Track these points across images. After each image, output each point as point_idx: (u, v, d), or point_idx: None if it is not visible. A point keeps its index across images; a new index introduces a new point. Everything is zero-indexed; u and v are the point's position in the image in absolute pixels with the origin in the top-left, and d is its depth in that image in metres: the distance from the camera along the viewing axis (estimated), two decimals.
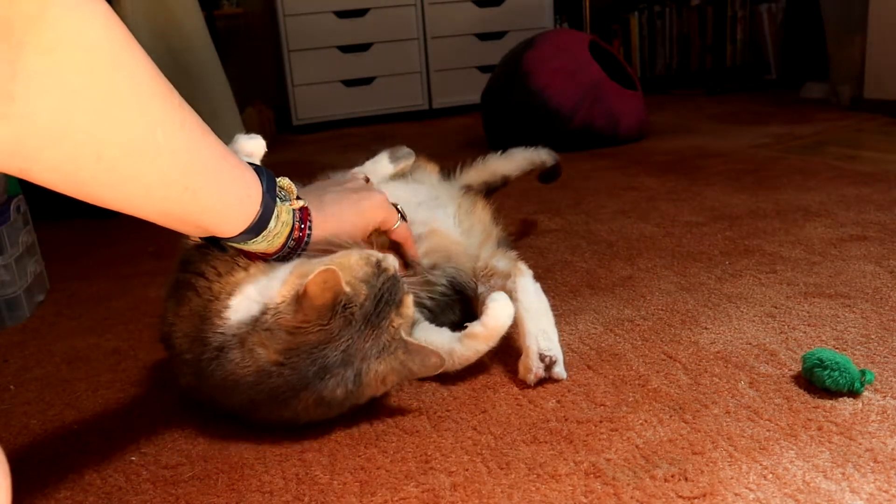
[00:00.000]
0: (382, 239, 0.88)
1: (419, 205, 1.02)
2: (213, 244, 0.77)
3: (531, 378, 0.86)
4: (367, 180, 0.94)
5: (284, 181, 0.79)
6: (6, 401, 0.99)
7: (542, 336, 0.88)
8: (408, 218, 0.92)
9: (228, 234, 0.72)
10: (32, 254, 1.42)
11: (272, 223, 0.74)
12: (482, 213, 1.10)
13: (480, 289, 1.01)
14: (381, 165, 0.95)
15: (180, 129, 0.62)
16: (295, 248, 0.78)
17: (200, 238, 0.77)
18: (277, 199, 0.75)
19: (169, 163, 0.62)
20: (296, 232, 0.77)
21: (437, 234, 0.99)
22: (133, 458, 0.80)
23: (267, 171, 0.76)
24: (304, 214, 0.78)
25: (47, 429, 0.90)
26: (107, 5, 0.56)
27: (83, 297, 1.41)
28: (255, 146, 0.89)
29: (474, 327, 0.84)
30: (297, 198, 0.79)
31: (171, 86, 0.63)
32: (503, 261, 1.01)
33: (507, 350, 0.98)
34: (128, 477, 0.77)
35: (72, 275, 1.55)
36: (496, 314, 0.84)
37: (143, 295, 1.38)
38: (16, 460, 0.81)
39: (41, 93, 0.52)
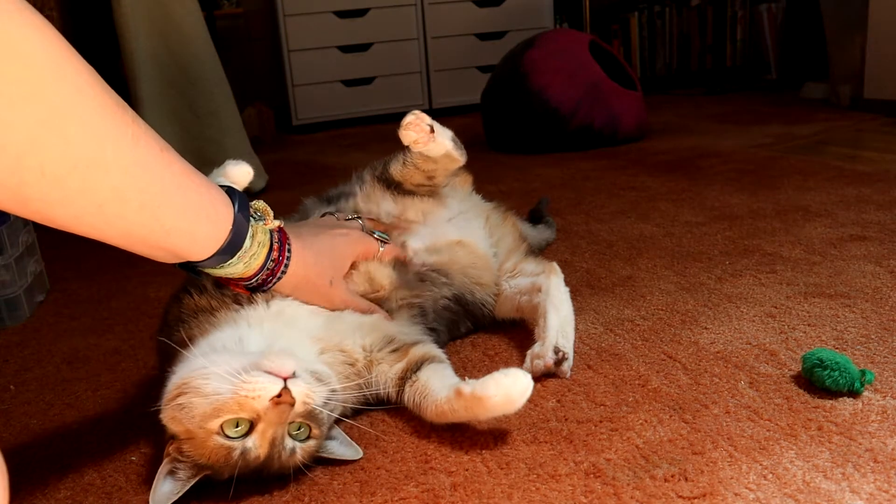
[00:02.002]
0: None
1: (449, 221, 1.04)
2: (191, 272, 0.74)
3: (540, 366, 0.87)
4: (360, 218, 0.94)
5: (259, 203, 0.77)
6: (6, 401, 0.99)
7: (562, 333, 0.91)
8: (431, 232, 0.96)
9: (200, 256, 0.69)
10: (32, 254, 1.42)
11: (247, 242, 0.72)
12: (512, 228, 1.13)
13: (504, 286, 1.04)
14: (445, 136, 0.95)
15: (133, 146, 0.60)
16: (274, 269, 0.76)
17: (176, 266, 0.73)
18: (251, 219, 0.73)
19: (121, 179, 0.59)
20: (274, 252, 0.75)
21: (463, 245, 1.00)
22: (133, 458, 0.80)
23: (239, 192, 0.74)
24: (282, 236, 0.76)
25: (47, 429, 0.90)
26: (42, 18, 0.54)
27: (83, 297, 1.41)
28: (239, 173, 0.85)
29: (463, 386, 0.75)
30: (274, 219, 0.77)
31: (124, 102, 0.61)
32: (533, 263, 1.05)
33: (509, 349, 0.98)
34: (128, 477, 0.77)
35: (72, 275, 1.55)
36: (487, 385, 0.73)
37: (143, 295, 1.38)
38: (16, 460, 0.82)
39: None
